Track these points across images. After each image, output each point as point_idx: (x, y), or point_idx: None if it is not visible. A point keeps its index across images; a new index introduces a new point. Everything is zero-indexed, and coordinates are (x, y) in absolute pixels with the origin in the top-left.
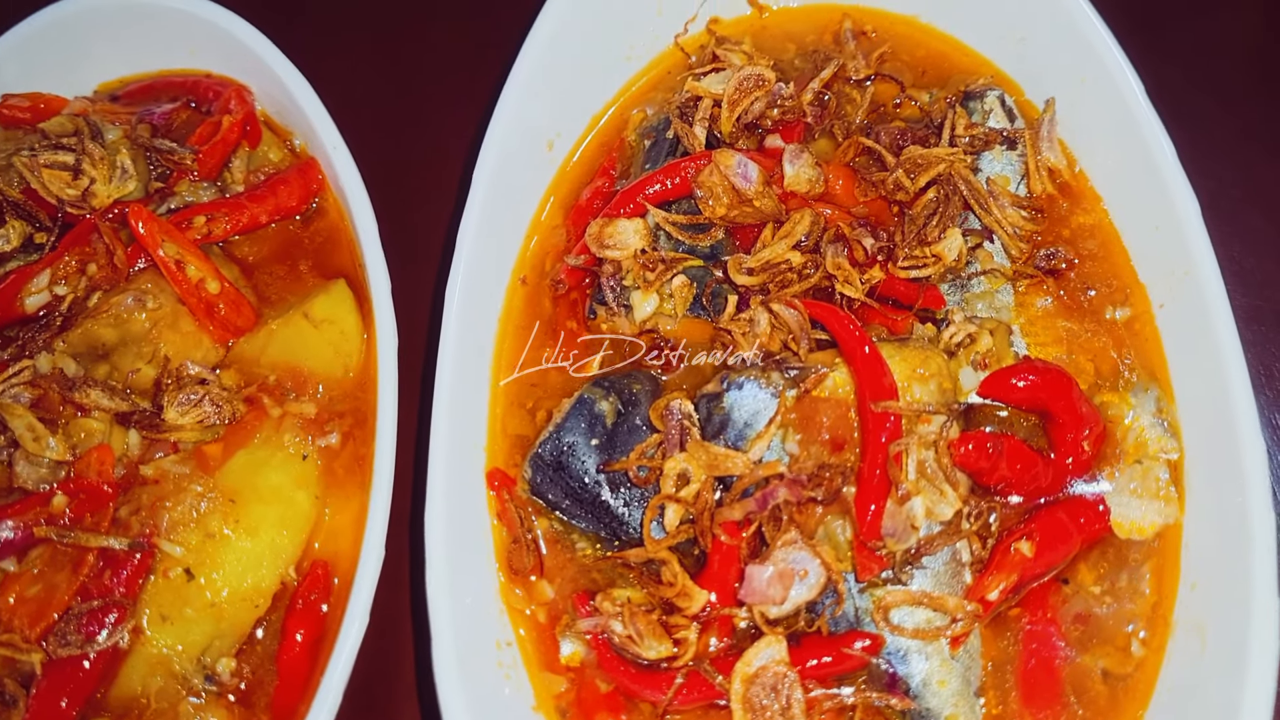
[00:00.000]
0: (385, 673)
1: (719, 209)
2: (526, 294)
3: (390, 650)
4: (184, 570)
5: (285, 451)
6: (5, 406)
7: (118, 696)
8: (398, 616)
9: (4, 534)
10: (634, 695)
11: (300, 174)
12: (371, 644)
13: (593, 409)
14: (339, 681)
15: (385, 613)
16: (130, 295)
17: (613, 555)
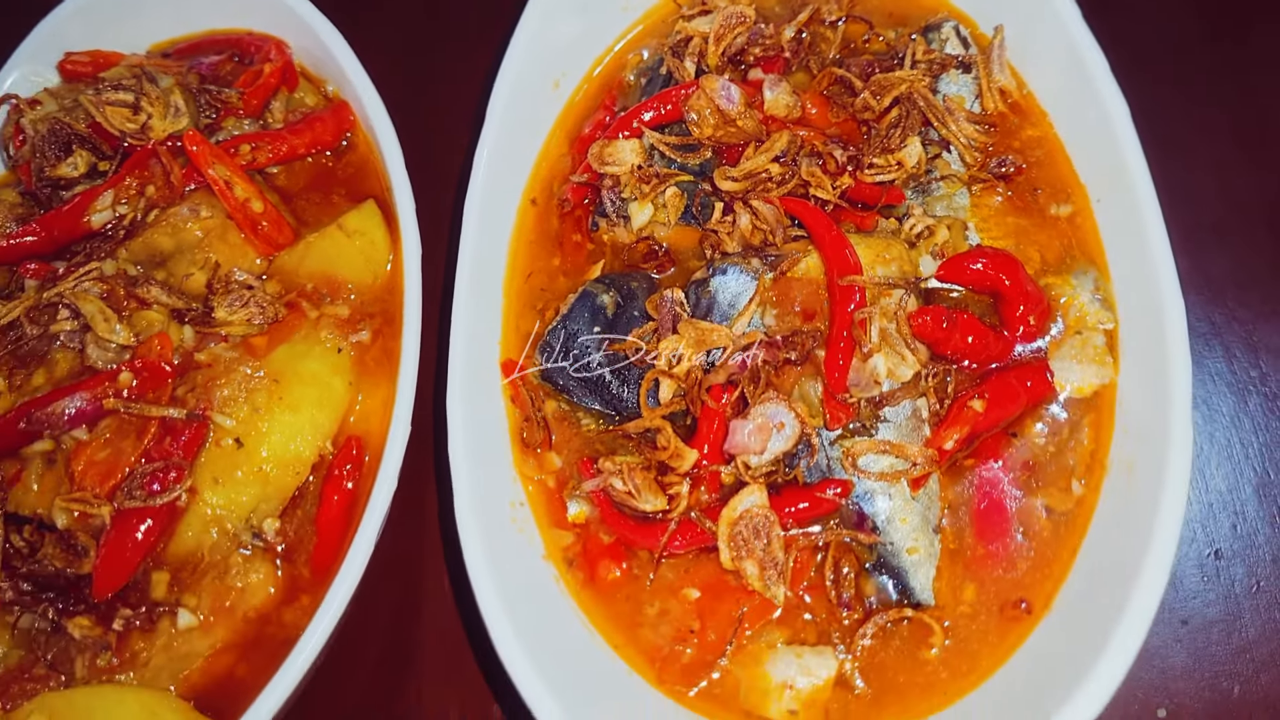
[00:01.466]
0: (412, 531)
1: (706, 129)
2: (536, 213)
3: (415, 513)
4: (234, 440)
5: (322, 345)
6: (79, 295)
7: (175, 552)
8: (422, 485)
9: (77, 405)
10: (633, 544)
11: (334, 113)
12: (399, 508)
13: (595, 301)
14: (369, 538)
15: (411, 482)
16: (186, 207)
17: (614, 429)
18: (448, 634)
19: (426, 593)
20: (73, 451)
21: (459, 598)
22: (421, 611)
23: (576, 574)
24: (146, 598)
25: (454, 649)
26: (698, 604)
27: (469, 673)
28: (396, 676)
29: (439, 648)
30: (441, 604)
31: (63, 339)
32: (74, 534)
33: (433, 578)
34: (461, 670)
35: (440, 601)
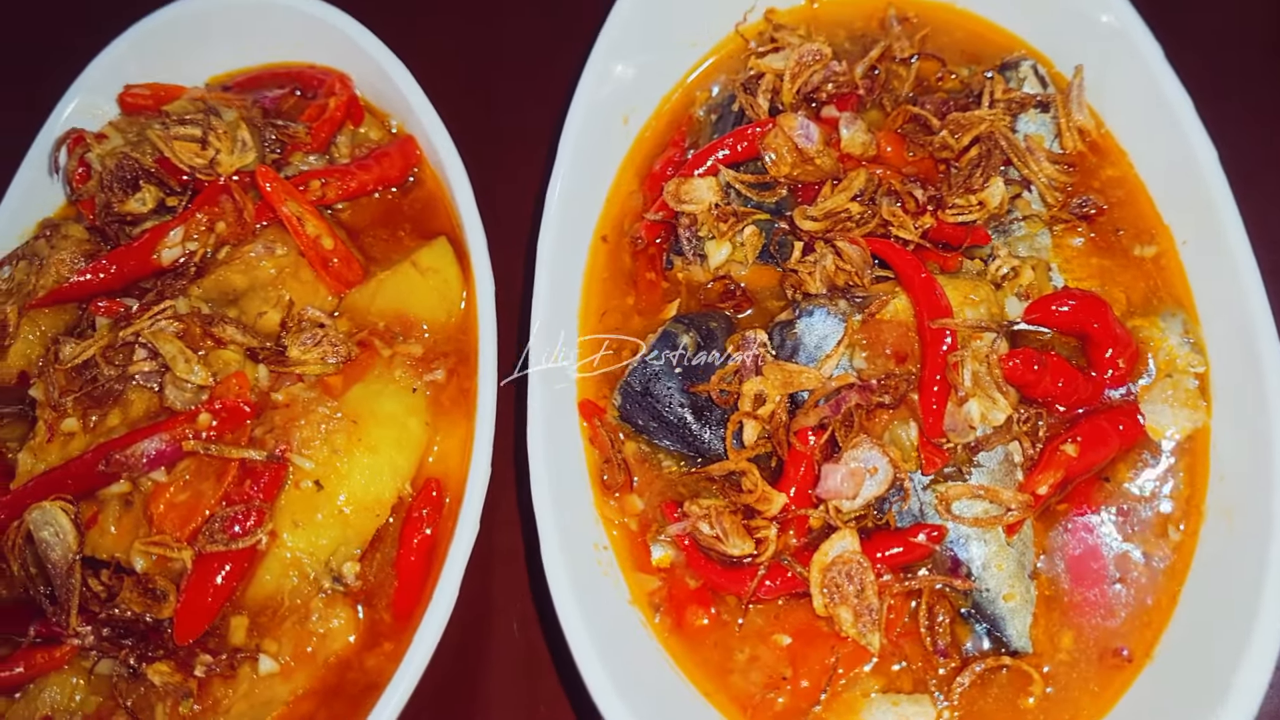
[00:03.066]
0: (494, 575)
1: (783, 168)
2: (608, 250)
3: (497, 556)
4: (314, 482)
5: (397, 385)
6: (157, 334)
7: (254, 596)
8: (503, 528)
9: (156, 446)
10: (721, 589)
11: (400, 149)
12: (480, 551)
13: (675, 341)
14: (453, 584)
15: (491, 524)
16: (261, 244)
17: (696, 471)
18: (536, 678)
19: (512, 637)
20: (151, 494)
21: (548, 640)
22: (507, 656)
23: (664, 620)
24: (225, 643)
25: (544, 694)
26: (789, 650)
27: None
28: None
29: (528, 692)
30: (528, 648)
31: (139, 379)
32: (153, 578)
33: (518, 622)
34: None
35: (527, 646)
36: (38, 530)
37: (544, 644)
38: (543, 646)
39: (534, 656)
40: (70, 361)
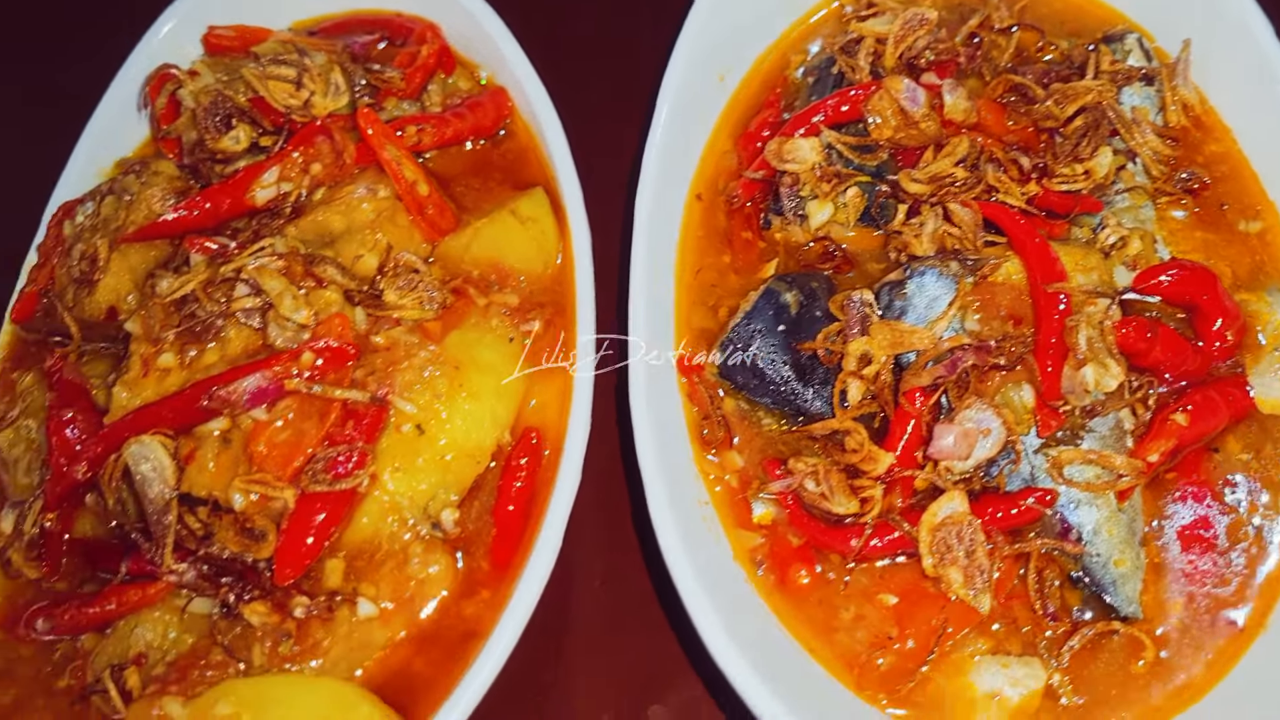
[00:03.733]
0: (593, 526)
1: (885, 131)
2: (702, 209)
3: (596, 507)
4: (416, 426)
5: (494, 333)
6: (262, 271)
7: (351, 539)
8: (602, 480)
9: (259, 384)
10: (824, 547)
11: (492, 99)
12: (579, 502)
13: (778, 299)
14: (556, 534)
15: (590, 476)
16: (363, 185)
17: (798, 429)
18: (633, 631)
19: (611, 588)
20: (251, 432)
21: (656, 591)
22: (605, 607)
23: (766, 577)
24: (321, 586)
25: (645, 646)
26: (895, 610)
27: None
28: (587, 670)
29: (628, 645)
30: (628, 600)
31: (240, 316)
32: (251, 517)
33: (615, 573)
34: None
35: (626, 597)
36: (136, 464)
37: (643, 596)
38: (642, 598)
39: (633, 608)
40: (168, 296)
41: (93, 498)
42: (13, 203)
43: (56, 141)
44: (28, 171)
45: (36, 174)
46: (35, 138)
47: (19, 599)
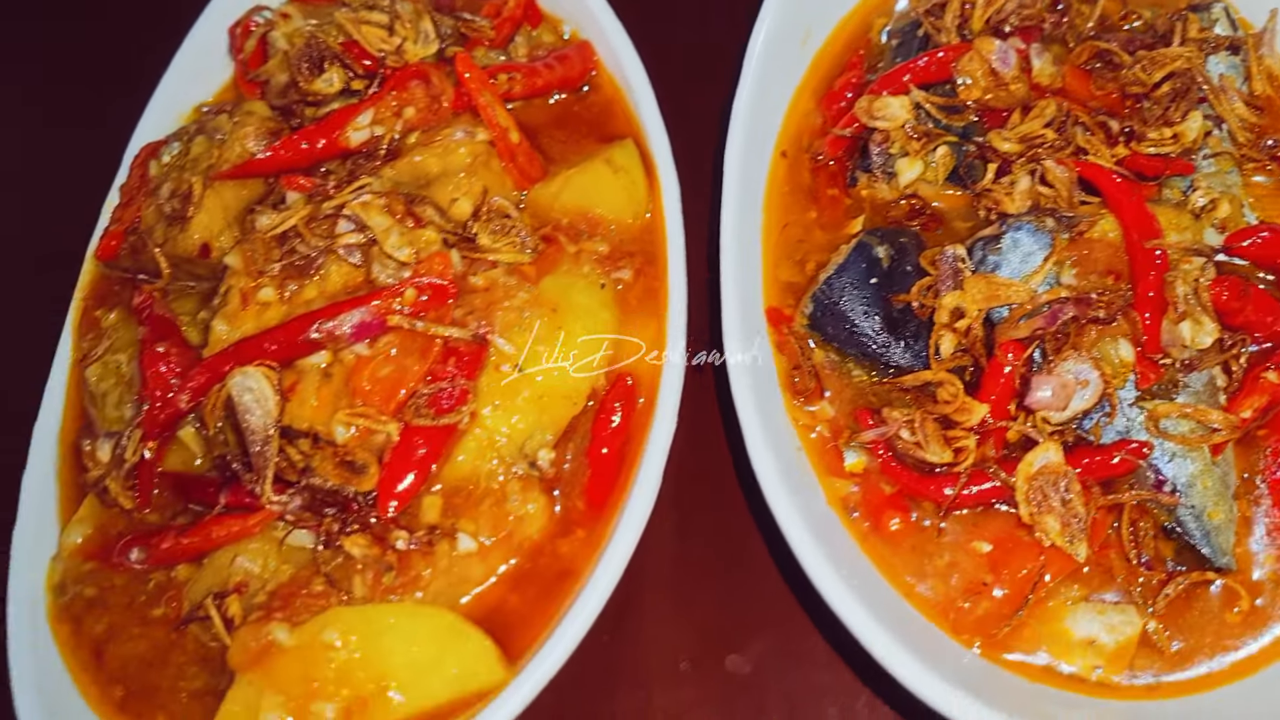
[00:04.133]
0: (687, 468)
1: (974, 92)
2: (787, 166)
3: (688, 451)
4: (515, 365)
5: (586, 279)
6: (368, 207)
7: (450, 475)
8: (694, 425)
9: (363, 318)
10: (917, 495)
11: (578, 53)
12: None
13: (870, 253)
14: (654, 475)
15: (683, 421)
16: (460, 128)
17: (889, 381)
18: (722, 574)
19: (706, 529)
20: (354, 367)
21: (746, 538)
22: (695, 552)
23: (859, 523)
24: (417, 522)
25: (739, 586)
26: (989, 558)
27: None
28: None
29: (726, 587)
30: (719, 545)
31: (342, 252)
32: (353, 450)
33: (704, 517)
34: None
35: (717, 543)
36: (239, 394)
37: (730, 542)
38: (729, 544)
39: (721, 553)
40: (269, 231)
41: (187, 432)
42: (94, 146)
43: (138, 86)
44: (109, 115)
45: (118, 118)
46: (116, 81)
47: (110, 529)
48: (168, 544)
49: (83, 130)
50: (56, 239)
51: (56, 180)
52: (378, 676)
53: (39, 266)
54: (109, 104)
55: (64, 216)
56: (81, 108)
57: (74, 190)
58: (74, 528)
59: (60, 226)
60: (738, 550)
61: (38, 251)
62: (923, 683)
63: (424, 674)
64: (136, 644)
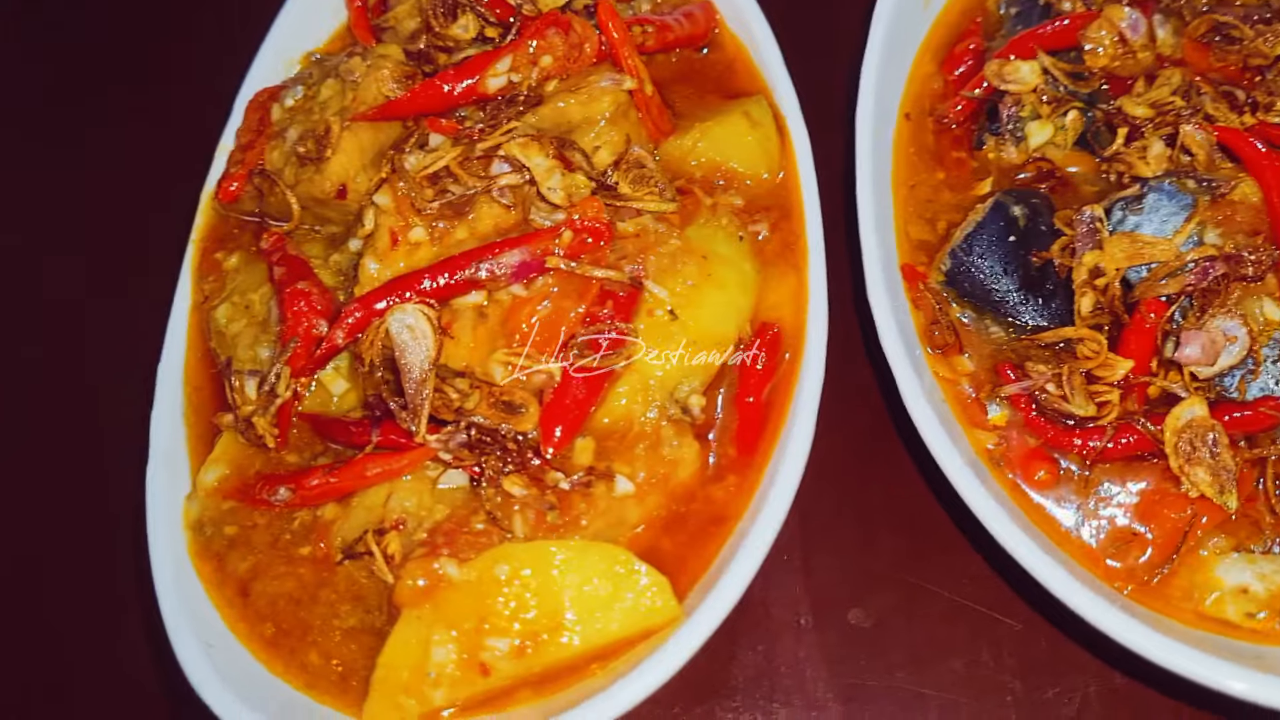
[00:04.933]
0: (833, 418)
1: (1101, 60)
2: (910, 128)
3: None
4: (668, 310)
5: (725, 230)
6: (528, 146)
7: (603, 418)
8: (836, 376)
9: (521, 258)
10: (1063, 448)
11: (703, 10)
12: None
13: (1007, 212)
14: (807, 425)
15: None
16: (607, 77)
17: (1027, 337)
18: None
19: (843, 482)
20: (512, 307)
21: (925, 477)
22: (838, 501)
23: (1004, 474)
24: (569, 464)
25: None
26: (1138, 508)
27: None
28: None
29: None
30: (896, 486)
31: (495, 193)
32: (512, 390)
33: (848, 464)
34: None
35: (894, 483)
36: (398, 331)
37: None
38: (860, 494)
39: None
40: (421, 171)
41: (325, 373)
42: (201, 98)
43: (248, 32)
44: (218, 62)
45: (227, 64)
46: (223, 28)
47: (247, 469)
48: (317, 482)
49: (188, 86)
50: (166, 185)
51: (163, 128)
52: (551, 611)
53: (152, 209)
54: (216, 57)
55: (172, 163)
56: (186, 62)
57: (182, 138)
58: (210, 467)
59: (169, 173)
60: (862, 504)
61: (149, 198)
62: (1102, 613)
63: (598, 609)
64: (283, 582)
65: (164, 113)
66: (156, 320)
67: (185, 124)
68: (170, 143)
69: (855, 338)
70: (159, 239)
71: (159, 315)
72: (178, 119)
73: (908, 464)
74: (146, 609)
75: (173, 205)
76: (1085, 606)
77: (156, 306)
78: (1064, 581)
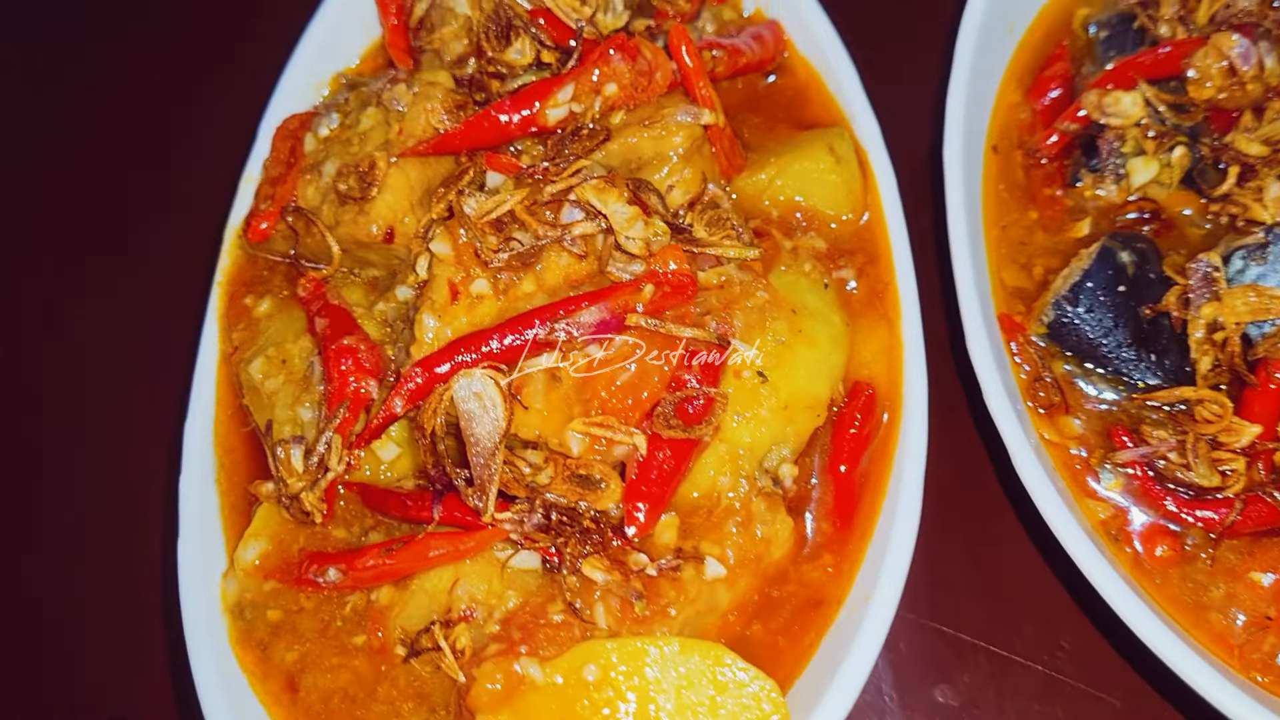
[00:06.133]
0: (956, 482)
1: (1206, 91)
2: (998, 162)
3: (951, 465)
4: (758, 372)
5: (809, 278)
6: (606, 191)
7: (688, 492)
8: (947, 439)
9: (600, 316)
10: (1183, 521)
11: (772, 32)
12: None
13: (1115, 259)
14: (914, 495)
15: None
16: (682, 110)
17: (1140, 396)
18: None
19: (952, 540)
20: (587, 370)
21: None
22: (931, 572)
23: (1121, 549)
24: (652, 543)
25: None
26: (1272, 589)
27: None
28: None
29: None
30: (984, 550)
31: (567, 242)
32: (590, 463)
33: (952, 527)
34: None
35: (982, 549)
36: (464, 400)
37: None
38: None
39: (942, 573)
40: (484, 216)
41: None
42: (225, 119)
43: (266, 53)
44: (237, 88)
45: (246, 89)
46: (244, 48)
47: (290, 545)
48: (372, 562)
49: (207, 107)
50: (185, 220)
51: (184, 156)
52: (646, 717)
53: (169, 249)
54: (240, 72)
55: (193, 194)
56: (207, 81)
57: (203, 167)
58: (249, 542)
59: (189, 205)
60: (947, 569)
61: (165, 234)
62: (1241, 705)
63: (698, 716)
64: (336, 676)
65: (182, 136)
66: (179, 370)
67: (206, 149)
68: (189, 169)
69: (948, 390)
70: (179, 279)
71: (182, 365)
72: (198, 143)
73: (999, 530)
74: (181, 702)
75: (192, 240)
76: (1226, 700)
77: (178, 355)
78: (1202, 671)
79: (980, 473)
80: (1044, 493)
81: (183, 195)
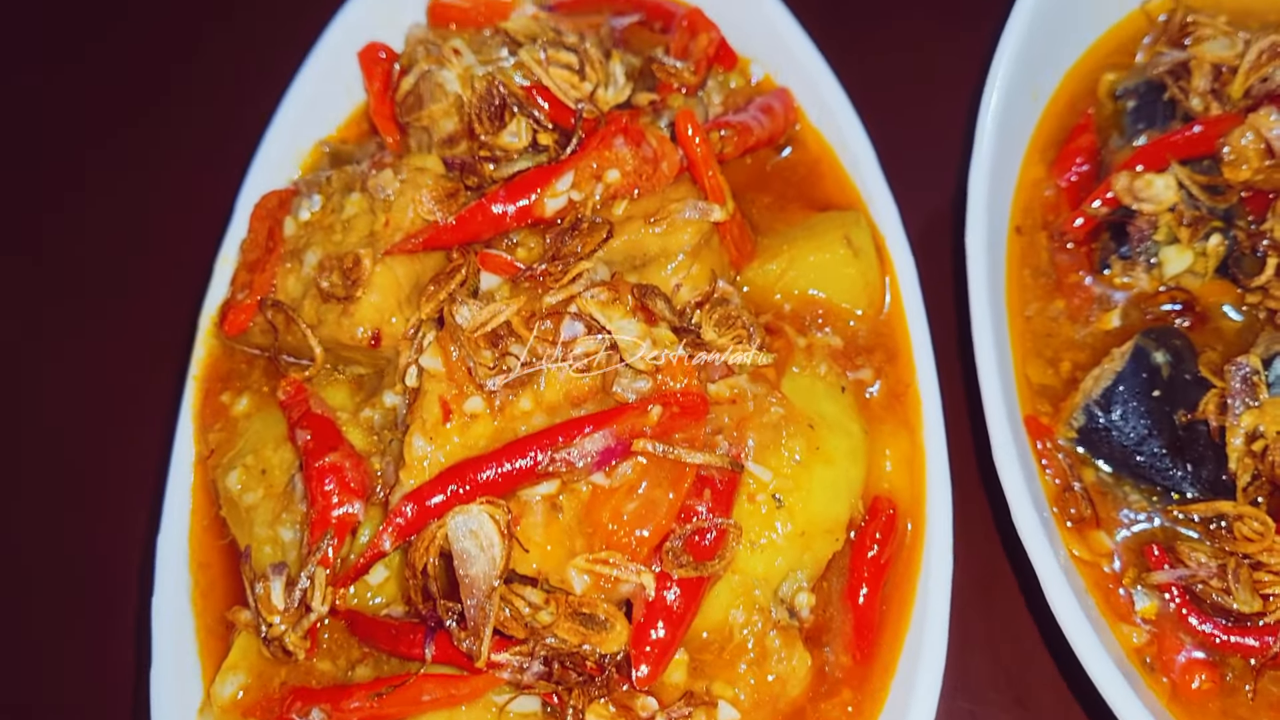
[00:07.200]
0: (977, 605)
1: (1242, 172)
2: (1021, 245)
3: (977, 583)
4: (773, 496)
5: (825, 382)
6: (611, 305)
7: (699, 630)
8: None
9: (605, 443)
10: (1223, 649)
11: (781, 101)
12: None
13: (1149, 360)
14: (940, 627)
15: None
16: (690, 206)
17: (1175, 507)
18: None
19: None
20: (592, 500)
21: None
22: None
23: (1158, 679)
24: (661, 683)
25: None
26: None
27: None
28: None
29: None
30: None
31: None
32: (595, 602)
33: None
34: None
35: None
36: (458, 539)
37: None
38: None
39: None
40: (478, 329)
41: None
42: (200, 189)
43: (241, 120)
44: (213, 155)
45: (223, 155)
46: (220, 116)
47: (271, 679)
48: (358, 704)
49: (180, 175)
50: (155, 303)
51: (156, 230)
52: None
53: (140, 337)
54: (215, 146)
55: (165, 272)
56: (182, 149)
57: (175, 243)
58: (227, 676)
59: (161, 285)
60: (971, 687)
61: (136, 319)
62: None
63: None
64: None
65: (154, 207)
66: (149, 474)
67: (180, 222)
68: (162, 245)
69: (971, 495)
70: (151, 370)
71: (153, 467)
72: (171, 215)
73: (1027, 648)
74: None
75: (164, 325)
76: None
77: (149, 457)
78: None
79: (1006, 588)
80: (1075, 624)
81: (154, 273)
